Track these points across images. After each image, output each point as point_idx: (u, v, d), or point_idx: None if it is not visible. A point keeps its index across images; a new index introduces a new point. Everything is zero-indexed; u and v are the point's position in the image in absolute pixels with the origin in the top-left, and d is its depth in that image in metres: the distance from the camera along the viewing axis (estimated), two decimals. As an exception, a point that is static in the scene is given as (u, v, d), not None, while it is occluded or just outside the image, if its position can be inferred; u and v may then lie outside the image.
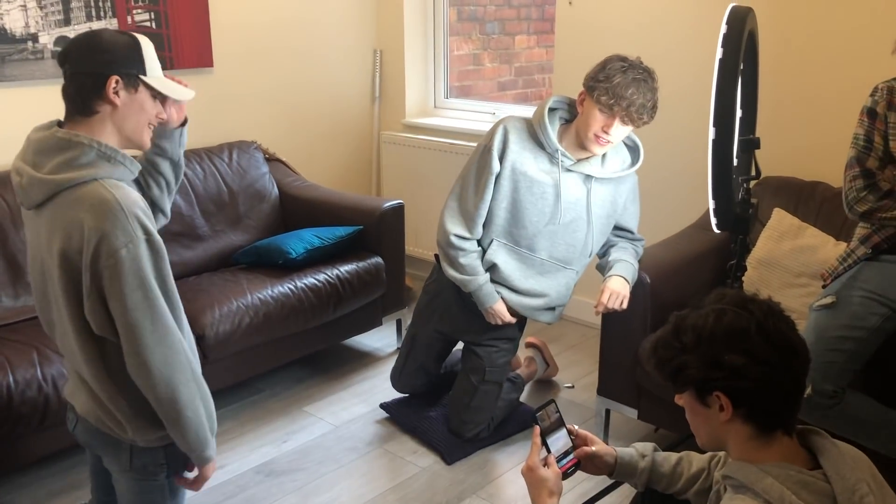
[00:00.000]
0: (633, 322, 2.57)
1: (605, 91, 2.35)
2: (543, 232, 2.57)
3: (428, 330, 2.82)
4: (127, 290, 1.50)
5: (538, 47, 5.07)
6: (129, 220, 1.50)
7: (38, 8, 2.99)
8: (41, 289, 1.66)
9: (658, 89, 2.43)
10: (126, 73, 1.58)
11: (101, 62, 1.56)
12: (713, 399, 1.29)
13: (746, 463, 1.29)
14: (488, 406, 2.75)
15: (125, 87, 1.58)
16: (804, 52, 2.89)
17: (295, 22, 3.84)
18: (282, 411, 3.02)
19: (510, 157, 2.52)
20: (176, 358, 1.57)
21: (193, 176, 3.29)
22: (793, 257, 2.64)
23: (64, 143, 1.54)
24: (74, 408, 1.74)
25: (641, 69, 2.41)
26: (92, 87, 1.56)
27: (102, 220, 1.48)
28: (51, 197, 1.53)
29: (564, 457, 1.58)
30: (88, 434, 1.74)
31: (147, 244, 1.53)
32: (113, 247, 1.48)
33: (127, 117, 1.60)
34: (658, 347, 1.36)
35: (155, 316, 1.53)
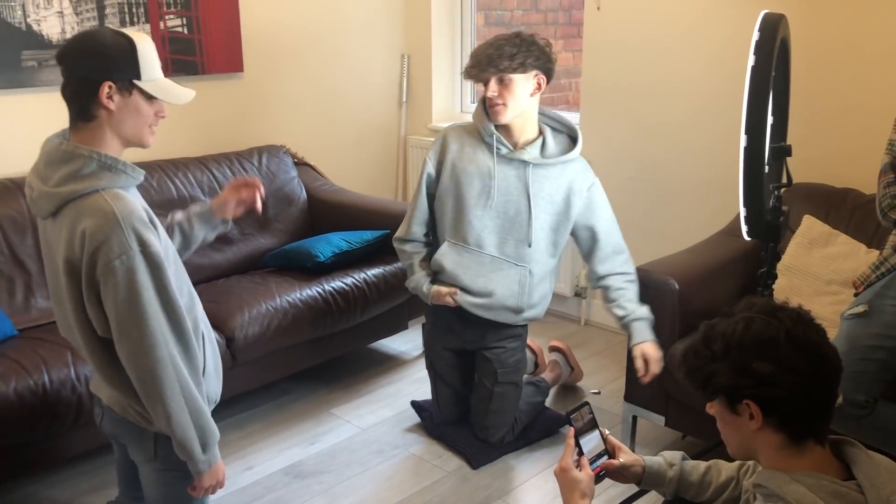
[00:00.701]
0: (661, 329, 2.56)
1: (468, 63, 2.49)
2: (490, 227, 2.57)
3: (440, 352, 2.82)
4: (118, 300, 1.55)
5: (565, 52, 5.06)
6: (124, 232, 1.54)
7: (73, 14, 3.04)
8: (55, 293, 1.72)
9: (528, 41, 2.45)
10: (119, 79, 1.59)
11: (94, 67, 1.59)
12: (743, 407, 1.28)
13: (778, 472, 1.28)
14: (508, 408, 2.75)
15: (118, 92, 1.60)
16: (836, 59, 2.87)
17: (323, 27, 3.87)
18: (309, 413, 3.05)
19: (450, 157, 2.62)
20: (163, 371, 1.59)
21: (223, 180, 3.33)
22: (823, 265, 2.61)
23: (67, 155, 1.59)
24: (101, 400, 1.79)
25: (506, 35, 2.49)
26: (86, 92, 1.59)
27: (99, 231, 1.53)
28: (59, 208, 1.59)
29: (597, 459, 1.59)
30: (114, 424, 1.79)
31: (143, 256, 1.56)
32: (108, 257, 1.53)
33: (123, 121, 1.63)
34: (688, 356, 1.36)
35: (143, 327, 1.56)
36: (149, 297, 1.56)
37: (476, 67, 2.46)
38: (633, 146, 3.51)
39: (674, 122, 3.35)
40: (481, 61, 2.44)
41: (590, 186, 2.62)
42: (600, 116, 3.59)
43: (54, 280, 1.70)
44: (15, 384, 2.28)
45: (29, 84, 2.97)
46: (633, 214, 3.58)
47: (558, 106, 5.02)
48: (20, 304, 2.74)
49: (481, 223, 2.58)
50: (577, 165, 2.61)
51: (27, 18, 2.93)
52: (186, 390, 1.63)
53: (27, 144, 3.01)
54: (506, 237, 2.58)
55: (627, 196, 3.58)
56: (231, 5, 3.47)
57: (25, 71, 2.96)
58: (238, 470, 2.69)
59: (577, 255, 3.77)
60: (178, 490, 1.78)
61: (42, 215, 1.64)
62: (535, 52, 2.44)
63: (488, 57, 2.43)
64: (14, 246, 2.76)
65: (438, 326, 2.80)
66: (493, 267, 2.60)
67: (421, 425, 2.95)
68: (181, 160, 3.29)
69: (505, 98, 2.46)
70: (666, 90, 3.35)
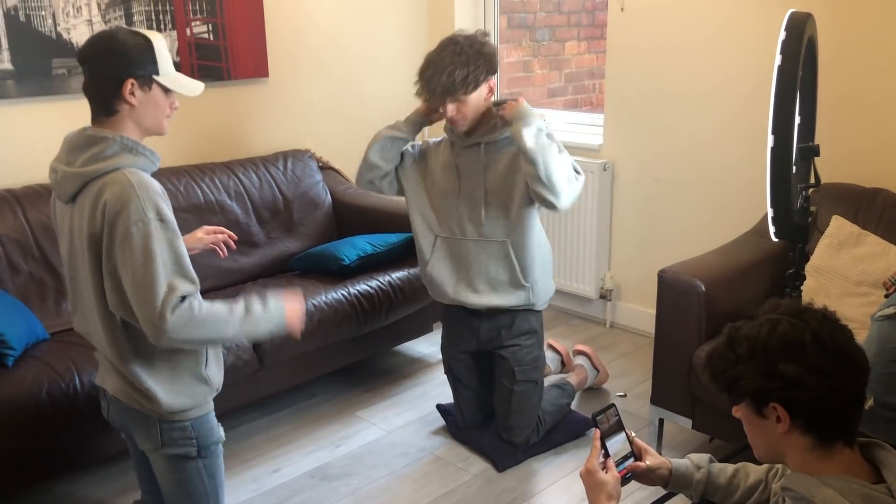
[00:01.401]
0: (688, 330, 2.54)
1: (421, 87, 2.51)
2: (465, 213, 2.63)
3: (457, 356, 2.83)
4: (135, 265, 1.61)
5: (588, 53, 5.06)
6: (141, 202, 1.62)
7: (102, 22, 3.09)
8: (72, 278, 1.79)
9: (474, 55, 2.44)
10: (140, 75, 1.71)
11: (117, 65, 1.70)
12: (770, 410, 1.27)
13: (807, 475, 1.27)
14: (530, 407, 2.74)
15: (140, 87, 1.71)
16: (864, 57, 2.83)
17: (347, 31, 3.90)
18: (335, 416, 3.06)
19: (428, 156, 2.72)
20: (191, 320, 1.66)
21: (249, 184, 3.36)
22: (853, 266, 2.58)
23: (91, 139, 1.70)
24: (106, 392, 1.85)
25: (440, 47, 2.49)
26: (110, 88, 1.70)
27: (118, 200, 1.62)
28: (81, 188, 1.68)
29: (623, 461, 1.58)
30: (121, 414, 1.85)
31: (160, 223, 1.63)
32: (125, 224, 1.61)
33: (144, 114, 1.74)
34: (712, 359, 1.35)
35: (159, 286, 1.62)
36: (164, 261, 1.62)
37: (431, 94, 2.49)
38: (659, 148, 3.49)
39: (699, 122, 3.33)
40: (435, 89, 2.47)
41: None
42: (625, 118, 3.58)
43: (71, 263, 1.78)
44: (47, 387, 2.32)
45: (59, 91, 3.02)
46: (660, 216, 3.56)
47: (582, 108, 5.01)
48: (51, 308, 2.78)
49: (457, 211, 2.65)
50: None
51: (57, 27, 2.98)
52: (212, 319, 1.69)
53: (57, 151, 3.07)
54: (478, 219, 2.62)
55: (653, 198, 3.56)
56: (256, 11, 3.50)
57: (56, 78, 3.01)
58: (265, 472, 2.71)
59: (601, 258, 3.76)
60: (189, 474, 1.83)
61: (64, 198, 1.73)
62: (482, 65, 2.47)
63: (442, 85, 2.44)
64: (45, 251, 2.81)
65: (453, 330, 2.81)
66: (479, 249, 2.64)
67: (446, 428, 2.95)
68: (207, 165, 3.33)
69: (463, 113, 2.53)
70: (691, 91, 3.33)
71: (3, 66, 2.87)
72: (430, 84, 2.47)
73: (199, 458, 1.82)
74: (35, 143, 3.01)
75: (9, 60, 2.88)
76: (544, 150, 2.44)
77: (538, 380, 2.76)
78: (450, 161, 2.65)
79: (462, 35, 2.51)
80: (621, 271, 3.78)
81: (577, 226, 3.76)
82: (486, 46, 2.49)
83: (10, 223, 2.77)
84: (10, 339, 2.41)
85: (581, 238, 3.75)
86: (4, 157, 2.94)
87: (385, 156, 2.68)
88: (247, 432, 2.95)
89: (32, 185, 2.92)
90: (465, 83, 2.44)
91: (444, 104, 2.51)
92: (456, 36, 2.50)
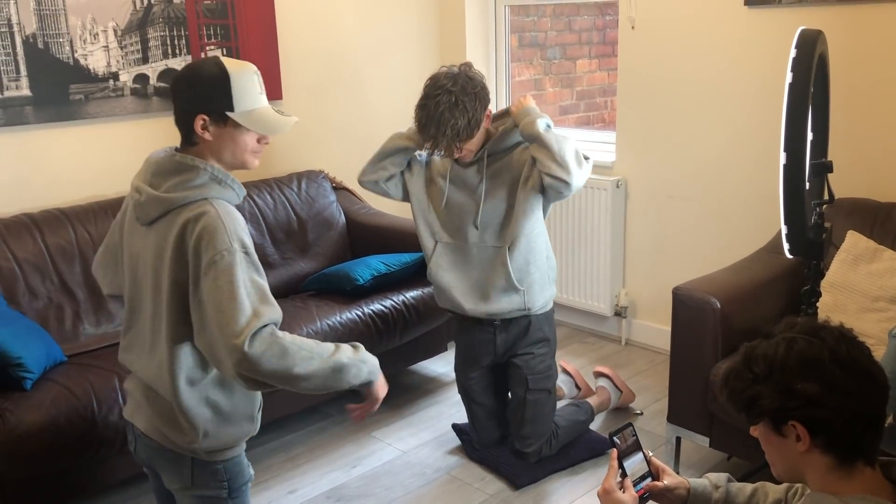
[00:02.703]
0: (704, 348, 2.53)
1: (427, 144, 2.55)
2: (463, 219, 2.66)
3: (469, 372, 2.83)
4: (218, 291, 1.56)
5: (599, 71, 5.07)
6: (227, 233, 1.59)
7: (118, 48, 3.13)
8: (133, 300, 1.76)
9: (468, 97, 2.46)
10: (212, 112, 1.66)
11: (190, 99, 1.68)
12: (789, 429, 1.27)
13: (828, 495, 1.26)
14: (543, 416, 2.74)
15: (213, 123, 1.67)
16: (876, 72, 2.83)
17: (359, 53, 3.93)
18: (350, 437, 3.06)
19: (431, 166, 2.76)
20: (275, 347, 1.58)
21: (264, 205, 3.39)
22: (869, 281, 2.57)
23: (181, 166, 1.67)
24: (134, 427, 1.80)
25: (433, 98, 2.48)
26: (185, 122, 1.69)
27: (206, 230, 1.59)
28: (164, 213, 1.65)
29: (641, 481, 1.57)
30: (149, 452, 1.79)
31: (244, 255, 1.60)
32: (211, 253, 1.57)
33: (222, 149, 1.70)
34: (730, 379, 1.34)
35: (243, 311, 1.56)
36: (247, 291, 1.58)
37: (437, 147, 2.53)
38: (671, 164, 3.49)
39: (712, 139, 3.33)
40: (440, 142, 2.50)
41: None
42: (637, 135, 3.59)
43: (134, 284, 1.74)
44: (66, 410, 2.34)
45: (77, 117, 3.07)
46: (673, 233, 3.56)
47: (594, 125, 5.02)
48: (69, 330, 2.80)
49: (459, 218, 2.68)
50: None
51: (74, 53, 3.03)
52: (295, 348, 1.60)
53: (75, 176, 3.11)
54: (475, 224, 2.65)
55: (667, 214, 3.55)
56: (269, 34, 3.55)
57: (73, 104, 3.05)
58: (281, 493, 2.71)
59: (616, 275, 3.75)
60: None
61: (145, 221, 1.70)
62: (479, 105, 2.49)
63: (446, 139, 2.48)
64: (63, 274, 2.83)
65: (469, 346, 2.81)
66: (477, 255, 2.67)
67: (462, 448, 2.94)
68: (223, 187, 3.35)
69: (469, 150, 2.59)
70: (703, 107, 3.33)
71: (22, 93, 2.92)
72: (435, 140, 2.50)
73: (229, 499, 1.77)
74: (53, 169, 3.05)
75: (28, 87, 2.93)
76: (555, 135, 2.52)
77: (551, 389, 2.77)
78: (451, 169, 2.69)
79: (449, 79, 2.49)
80: (636, 288, 3.77)
81: (590, 243, 3.76)
82: (476, 85, 2.50)
83: (29, 247, 2.80)
84: (29, 362, 2.43)
85: (595, 255, 3.75)
86: (23, 182, 2.98)
87: (394, 161, 2.71)
88: (262, 454, 2.95)
89: (51, 209, 2.95)
90: (468, 130, 2.49)
91: (450, 152, 2.56)
92: (444, 84, 2.48)
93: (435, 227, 2.74)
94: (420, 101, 2.54)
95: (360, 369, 1.68)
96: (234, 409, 1.74)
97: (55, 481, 2.40)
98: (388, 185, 2.74)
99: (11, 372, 2.39)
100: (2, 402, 2.33)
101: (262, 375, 1.57)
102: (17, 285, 2.74)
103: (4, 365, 2.38)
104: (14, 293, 2.72)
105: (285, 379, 1.59)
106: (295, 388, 1.62)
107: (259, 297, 1.59)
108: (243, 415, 1.77)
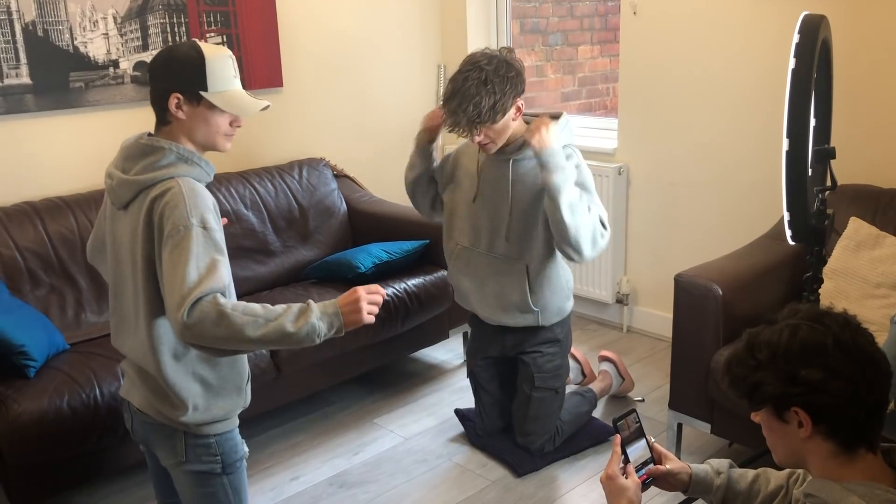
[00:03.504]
0: (705, 334, 2.53)
1: (446, 118, 2.43)
2: (483, 226, 2.61)
3: (479, 362, 2.83)
4: (170, 260, 1.60)
5: (601, 57, 5.05)
6: (186, 208, 1.63)
7: (118, 35, 3.12)
8: (116, 283, 1.80)
9: (499, 80, 2.35)
10: (186, 90, 1.71)
11: (165, 79, 1.73)
12: (791, 415, 1.27)
13: (829, 481, 1.26)
14: (547, 414, 2.74)
15: (187, 102, 1.71)
16: (880, 57, 2.82)
17: (360, 40, 3.92)
18: (352, 424, 3.07)
19: (450, 169, 2.72)
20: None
21: (265, 193, 3.38)
22: (871, 267, 2.56)
23: (147, 148, 1.71)
24: (130, 404, 1.84)
25: (464, 73, 2.38)
26: (160, 100, 1.73)
27: (167, 206, 1.63)
28: (136, 195, 1.69)
29: (643, 467, 1.57)
30: (145, 428, 1.83)
31: (202, 230, 1.62)
32: (169, 227, 1.61)
33: (194, 129, 1.74)
34: (732, 365, 1.34)
35: (187, 282, 1.58)
36: (197, 263, 1.59)
37: (458, 126, 2.40)
38: (673, 151, 3.48)
39: (714, 125, 3.32)
40: (461, 122, 2.38)
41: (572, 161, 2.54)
42: (638, 121, 3.58)
43: (116, 269, 1.79)
44: (68, 398, 2.35)
45: (76, 105, 3.06)
46: (675, 220, 3.55)
47: (596, 112, 5.00)
48: (71, 319, 2.81)
49: (478, 222, 2.63)
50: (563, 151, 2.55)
51: (74, 41, 3.02)
52: (239, 314, 1.59)
53: (75, 163, 3.11)
54: (498, 234, 2.60)
55: (668, 201, 3.55)
56: (270, 22, 3.53)
57: (73, 92, 3.04)
58: (284, 480, 2.72)
59: (617, 262, 3.75)
60: (214, 489, 1.81)
61: (118, 204, 1.74)
62: (508, 90, 2.37)
63: (468, 118, 2.36)
64: (65, 262, 2.84)
65: (480, 336, 2.81)
66: (494, 266, 2.63)
67: (464, 434, 2.95)
68: (223, 175, 3.35)
69: (493, 139, 2.47)
70: (705, 94, 3.32)
71: (22, 81, 2.91)
72: (455, 116, 2.38)
73: (223, 474, 1.80)
74: (53, 157, 3.05)
75: (27, 75, 2.92)
76: (575, 212, 2.39)
77: (558, 388, 2.75)
78: (476, 167, 2.63)
79: (486, 58, 2.38)
80: (637, 275, 3.77)
81: (592, 230, 3.75)
82: (511, 69, 2.38)
83: (31, 236, 2.80)
84: (32, 350, 2.43)
85: (596, 242, 3.74)
86: (24, 170, 2.98)
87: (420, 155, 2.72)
88: (265, 441, 2.96)
89: (52, 197, 2.95)
90: (492, 112, 2.35)
91: (471, 133, 2.43)
92: (479, 60, 2.38)
93: (455, 227, 2.71)
94: (452, 75, 2.44)
95: (315, 329, 1.63)
96: (221, 382, 1.77)
97: (58, 468, 2.42)
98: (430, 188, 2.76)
99: (14, 360, 2.40)
100: (5, 390, 2.34)
101: (208, 341, 1.60)
102: (19, 274, 2.74)
103: (7, 353, 2.39)
104: (16, 281, 2.73)
105: (231, 341, 1.59)
106: (247, 349, 1.70)
107: (208, 271, 1.60)
108: (232, 387, 1.79)
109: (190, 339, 1.59)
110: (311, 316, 1.63)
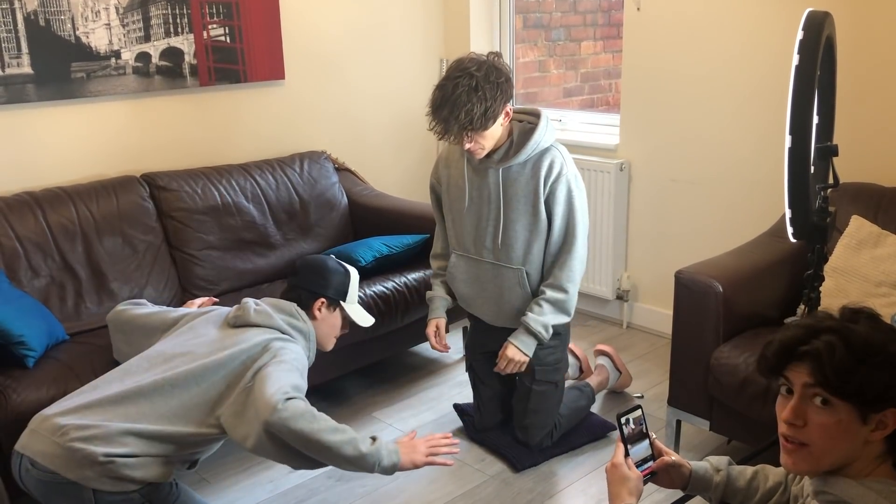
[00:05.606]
0: (705, 331, 2.53)
1: (433, 124, 2.43)
2: (479, 233, 2.61)
3: (479, 356, 2.84)
4: (274, 369, 2.05)
5: (604, 53, 5.04)
6: (294, 361, 2.10)
7: (120, 26, 3.12)
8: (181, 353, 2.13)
9: (488, 86, 2.34)
10: (331, 298, 2.28)
11: (318, 284, 2.28)
12: (877, 416, 1.22)
13: (844, 478, 1.25)
14: (547, 408, 2.74)
15: (327, 307, 2.29)
16: (884, 55, 2.81)
17: (363, 34, 3.91)
18: (351, 417, 3.07)
19: (443, 174, 2.72)
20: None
21: (266, 186, 3.38)
22: (873, 266, 2.56)
23: (297, 315, 2.25)
24: (25, 460, 1.88)
25: (454, 79, 2.37)
26: (306, 300, 2.26)
27: (283, 349, 2.10)
28: (256, 326, 2.17)
29: (643, 463, 1.58)
30: (43, 486, 1.86)
31: (297, 370, 2.09)
32: (275, 356, 2.07)
33: (321, 328, 2.29)
34: (826, 356, 1.23)
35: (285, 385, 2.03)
36: (291, 380, 2.04)
37: (449, 133, 2.40)
38: (675, 147, 3.48)
39: (716, 122, 3.32)
40: (451, 127, 2.37)
41: (554, 180, 2.53)
42: (641, 118, 3.57)
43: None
44: (67, 388, 2.34)
45: (78, 95, 3.05)
46: (676, 216, 3.55)
47: (598, 108, 4.99)
48: (70, 309, 2.81)
49: (473, 230, 2.63)
50: (547, 157, 2.53)
51: (76, 31, 3.01)
52: (323, 418, 1.95)
53: (76, 154, 3.10)
54: (493, 242, 2.60)
55: (670, 198, 3.54)
56: (272, 14, 3.52)
57: (74, 82, 3.03)
58: (282, 473, 2.72)
59: (618, 258, 3.75)
60: None
61: (237, 323, 2.18)
62: (499, 96, 2.37)
63: (459, 124, 2.35)
64: (65, 252, 2.84)
65: (480, 330, 2.81)
66: (493, 273, 2.63)
67: (463, 429, 2.95)
68: (225, 167, 3.35)
69: (482, 144, 2.47)
70: (708, 90, 3.31)
71: (23, 71, 2.90)
72: (446, 123, 2.37)
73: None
74: (54, 147, 3.05)
75: (29, 64, 2.91)
76: (557, 311, 2.60)
77: (558, 382, 2.75)
78: (463, 174, 2.62)
79: (475, 63, 2.38)
80: (638, 272, 3.76)
81: (593, 226, 3.75)
82: (501, 75, 2.39)
83: (31, 225, 2.79)
84: (31, 340, 2.43)
85: (597, 238, 3.74)
86: (25, 160, 2.98)
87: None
88: (264, 433, 2.96)
89: (52, 187, 2.95)
90: (483, 119, 2.36)
91: (461, 140, 2.43)
92: (469, 66, 2.37)
93: (451, 234, 2.72)
94: (440, 81, 2.42)
95: (377, 456, 1.94)
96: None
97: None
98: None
99: (13, 350, 2.40)
100: (4, 380, 2.34)
101: (288, 431, 1.88)
102: (19, 264, 2.74)
103: (7, 343, 2.39)
104: (16, 271, 2.73)
105: (309, 439, 1.89)
106: (317, 453, 1.92)
107: (296, 388, 2.00)
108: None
109: (276, 422, 1.86)
110: (379, 443, 1.97)
